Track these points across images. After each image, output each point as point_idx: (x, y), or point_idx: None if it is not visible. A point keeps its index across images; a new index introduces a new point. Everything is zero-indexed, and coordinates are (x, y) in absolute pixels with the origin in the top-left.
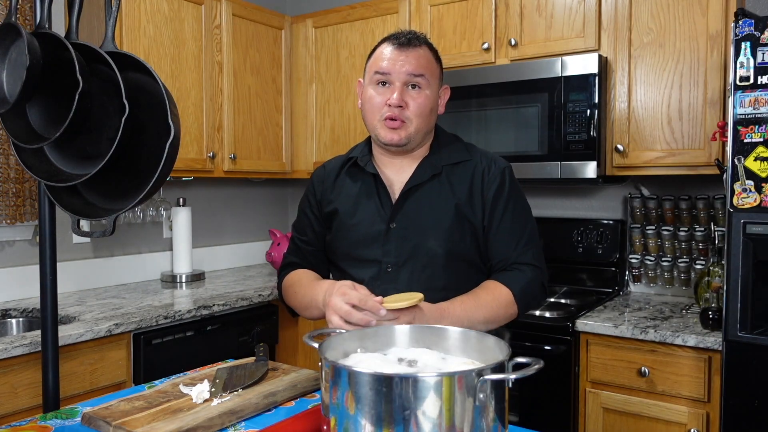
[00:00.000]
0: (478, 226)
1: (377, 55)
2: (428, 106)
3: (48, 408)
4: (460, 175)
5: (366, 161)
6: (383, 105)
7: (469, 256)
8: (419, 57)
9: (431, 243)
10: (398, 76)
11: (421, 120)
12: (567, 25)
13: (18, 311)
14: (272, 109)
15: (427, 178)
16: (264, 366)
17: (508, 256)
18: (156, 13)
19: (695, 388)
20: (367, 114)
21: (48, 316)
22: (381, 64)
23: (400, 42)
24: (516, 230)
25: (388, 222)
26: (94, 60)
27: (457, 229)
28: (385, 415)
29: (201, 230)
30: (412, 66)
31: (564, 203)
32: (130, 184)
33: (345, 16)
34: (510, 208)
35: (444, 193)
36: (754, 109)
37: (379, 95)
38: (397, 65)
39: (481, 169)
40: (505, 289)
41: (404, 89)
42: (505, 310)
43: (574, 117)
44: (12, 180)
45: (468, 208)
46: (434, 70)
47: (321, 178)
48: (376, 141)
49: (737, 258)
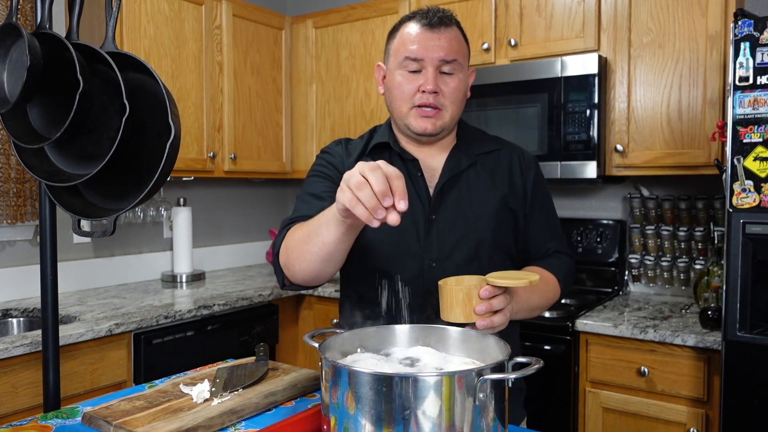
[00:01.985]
0: (519, 216)
1: (404, 36)
2: (462, 90)
3: (48, 407)
4: (495, 164)
5: (400, 148)
6: (415, 92)
7: (509, 247)
8: (451, 39)
9: (477, 234)
10: (431, 60)
11: (456, 107)
12: (567, 26)
13: (19, 311)
14: (272, 109)
15: (465, 167)
16: (264, 366)
17: (548, 245)
18: (156, 13)
19: (695, 387)
20: (396, 101)
21: (49, 315)
22: (410, 47)
23: (431, 22)
24: (552, 219)
25: (429, 214)
26: (94, 60)
27: (501, 220)
28: (385, 415)
29: (201, 230)
30: (445, 50)
31: (564, 203)
32: (131, 184)
33: (345, 17)
34: (546, 198)
35: (484, 182)
36: (754, 109)
37: (410, 82)
38: (429, 49)
39: (516, 158)
40: (552, 276)
41: (437, 74)
42: (553, 295)
43: (574, 117)
44: (13, 180)
45: (512, 198)
46: (465, 52)
47: (341, 154)
48: (404, 130)
49: (737, 258)
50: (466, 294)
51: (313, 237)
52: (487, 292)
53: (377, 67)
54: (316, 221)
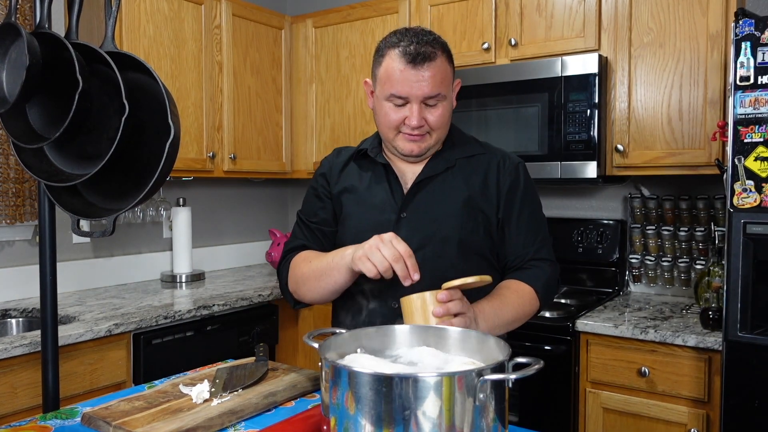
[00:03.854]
0: (491, 219)
1: (389, 71)
2: (446, 116)
3: (48, 408)
4: (474, 167)
5: (376, 153)
6: (401, 122)
7: (482, 249)
8: (435, 74)
9: (443, 231)
10: (416, 98)
11: (442, 130)
12: (567, 25)
13: (18, 311)
14: (272, 109)
15: (440, 170)
16: (264, 366)
17: (526, 252)
18: (156, 13)
19: (695, 388)
20: (382, 127)
21: (48, 316)
22: (396, 87)
23: (415, 61)
24: (532, 227)
25: (399, 212)
26: (94, 60)
27: (469, 219)
28: (385, 415)
29: (201, 230)
30: (429, 86)
31: (564, 203)
32: (130, 184)
33: (345, 16)
34: (527, 204)
35: (457, 183)
36: (754, 109)
37: (396, 113)
38: (414, 88)
39: (495, 162)
40: (527, 287)
41: (422, 107)
42: (530, 308)
43: (574, 117)
44: (12, 180)
45: (481, 199)
46: (450, 78)
47: (331, 163)
48: (392, 151)
49: (737, 258)
50: (422, 301)
51: (326, 277)
52: (444, 296)
53: (365, 83)
54: (327, 264)
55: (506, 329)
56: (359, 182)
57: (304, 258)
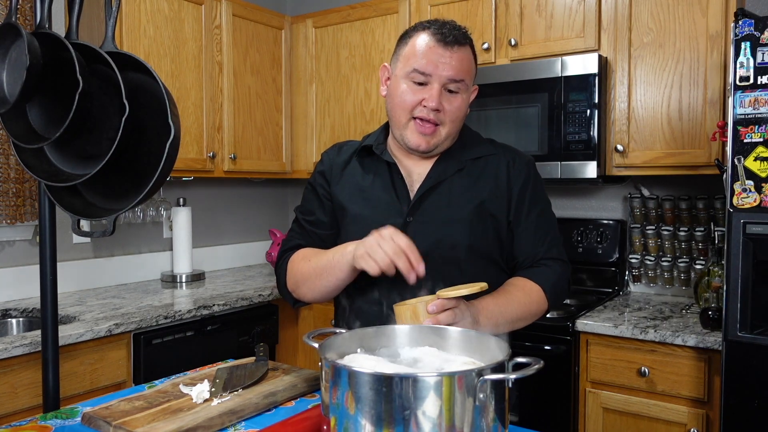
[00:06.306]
0: (502, 222)
1: (416, 47)
2: (463, 110)
3: (48, 408)
4: (484, 169)
5: (381, 150)
6: (417, 104)
7: (491, 253)
8: (462, 60)
9: (452, 237)
10: (439, 78)
11: (454, 125)
12: (567, 25)
13: (18, 311)
14: (272, 109)
15: (451, 173)
16: (264, 366)
17: (536, 252)
18: (156, 13)
19: (695, 388)
20: (396, 109)
21: (48, 316)
22: (421, 60)
23: (446, 39)
24: (542, 226)
25: (405, 216)
26: (94, 60)
27: (479, 224)
28: (385, 415)
29: (201, 230)
30: (455, 70)
31: (564, 203)
32: (130, 184)
33: (345, 16)
34: (537, 203)
35: (467, 187)
36: (754, 109)
37: (414, 93)
38: (439, 66)
39: (505, 163)
40: (536, 286)
41: (442, 91)
42: (537, 307)
43: (574, 117)
44: (12, 180)
45: (493, 204)
46: (473, 72)
47: (331, 161)
48: (399, 139)
49: (737, 258)
50: (412, 312)
51: (327, 275)
52: (435, 306)
53: (383, 68)
54: (328, 262)
55: (510, 327)
56: (362, 183)
57: (303, 256)
